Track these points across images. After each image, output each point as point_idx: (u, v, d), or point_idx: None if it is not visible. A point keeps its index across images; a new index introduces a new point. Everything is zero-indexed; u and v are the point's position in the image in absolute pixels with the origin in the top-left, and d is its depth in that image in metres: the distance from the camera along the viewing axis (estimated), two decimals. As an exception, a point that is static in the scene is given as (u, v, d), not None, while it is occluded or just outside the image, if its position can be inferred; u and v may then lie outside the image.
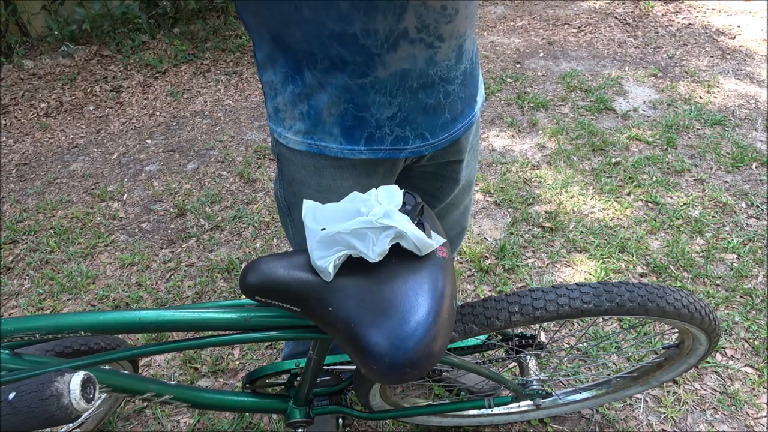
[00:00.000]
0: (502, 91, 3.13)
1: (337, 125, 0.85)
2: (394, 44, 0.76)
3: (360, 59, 0.77)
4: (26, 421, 0.54)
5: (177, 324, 0.80)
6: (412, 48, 0.77)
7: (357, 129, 0.85)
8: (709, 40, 3.54)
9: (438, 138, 0.90)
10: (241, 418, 1.51)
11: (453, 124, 0.91)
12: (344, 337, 0.73)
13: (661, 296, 0.94)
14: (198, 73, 3.67)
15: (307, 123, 0.86)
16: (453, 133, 0.92)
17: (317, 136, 0.87)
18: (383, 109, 0.83)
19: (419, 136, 0.88)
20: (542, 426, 1.45)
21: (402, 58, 0.78)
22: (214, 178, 2.58)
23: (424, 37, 0.77)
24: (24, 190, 2.63)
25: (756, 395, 1.48)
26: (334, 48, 0.76)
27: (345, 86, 0.80)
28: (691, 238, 2.00)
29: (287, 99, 0.85)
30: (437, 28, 0.77)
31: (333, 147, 0.87)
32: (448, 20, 0.77)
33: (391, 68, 0.78)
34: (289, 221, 1.06)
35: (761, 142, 2.50)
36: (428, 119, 0.87)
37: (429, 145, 0.90)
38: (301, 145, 0.89)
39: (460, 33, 0.81)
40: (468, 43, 0.85)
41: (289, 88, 0.84)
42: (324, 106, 0.83)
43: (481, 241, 2.07)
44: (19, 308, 1.94)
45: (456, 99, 0.88)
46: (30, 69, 3.70)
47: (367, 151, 0.87)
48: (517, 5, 4.44)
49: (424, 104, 0.85)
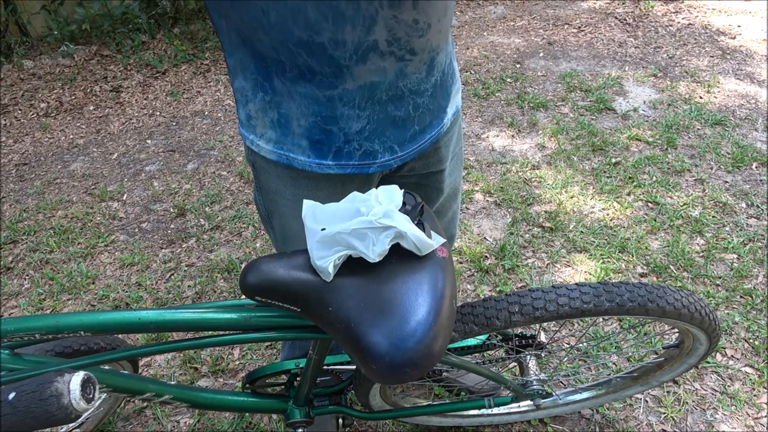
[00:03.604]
0: (502, 91, 3.13)
1: (306, 138, 0.83)
2: (363, 56, 0.74)
3: (328, 70, 0.75)
4: (26, 421, 0.54)
5: (177, 324, 0.80)
6: (381, 61, 0.75)
7: (325, 143, 0.84)
8: (709, 40, 3.54)
9: (406, 150, 0.89)
10: (241, 418, 1.51)
11: (421, 136, 0.90)
12: (344, 337, 0.73)
13: (661, 296, 0.94)
14: (198, 73, 3.67)
15: (278, 131, 0.85)
16: (421, 144, 0.91)
17: (287, 147, 0.86)
18: (351, 122, 0.81)
19: (388, 149, 0.87)
20: (542, 426, 1.45)
21: (371, 70, 0.76)
22: (214, 178, 2.58)
23: (395, 51, 0.75)
24: (24, 190, 2.63)
25: (756, 395, 1.48)
26: (302, 57, 0.73)
27: (313, 97, 0.78)
28: (691, 238, 2.00)
29: (258, 106, 0.84)
30: (408, 42, 0.75)
31: (301, 159, 0.86)
32: (420, 34, 0.75)
33: (359, 81, 0.76)
34: (270, 228, 1.04)
35: (761, 142, 2.50)
36: (397, 132, 0.86)
37: (397, 158, 0.89)
38: (272, 155, 0.88)
39: (432, 47, 0.79)
40: (441, 56, 0.84)
41: (259, 95, 0.82)
42: (293, 115, 0.81)
43: (481, 241, 2.07)
44: (19, 308, 1.94)
45: (425, 111, 0.87)
46: (30, 69, 3.70)
47: (335, 166, 0.86)
48: (517, 5, 4.44)
49: (393, 117, 0.83)
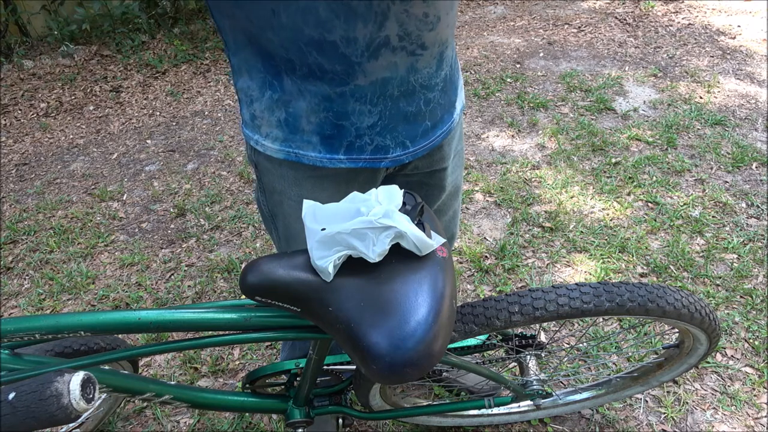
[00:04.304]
0: (502, 91, 3.13)
1: (316, 134, 0.83)
2: (375, 52, 0.73)
3: (339, 68, 0.74)
4: (26, 421, 0.54)
5: (177, 324, 0.80)
6: (393, 56, 0.75)
7: (336, 138, 0.83)
8: (709, 40, 3.54)
9: (418, 146, 0.89)
10: (241, 418, 1.51)
11: (433, 131, 0.90)
12: (344, 337, 0.73)
13: (661, 296, 0.94)
14: (198, 73, 3.67)
15: (285, 131, 0.84)
16: (433, 141, 0.91)
17: (295, 144, 0.85)
18: (363, 117, 0.81)
19: (399, 144, 0.86)
20: (542, 426, 1.45)
21: (383, 66, 0.75)
22: (214, 178, 2.58)
23: (406, 45, 0.75)
24: (24, 190, 2.62)
25: (756, 395, 1.48)
26: (312, 56, 0.73)
27: (324, 94, 0.78)
28: (691, 238, 2.00)
29: (264, 105, 0.83)
30: (420, 36, 0.75)
31: (312, 155, 0.85)
32: (431, 28, 0.75)
33: (371, 77, 0.76)
34: (273, 229, 1.03)
35: (761, 142, 2.50)
36: (408, 127, 0.85)
37: (409, 153, 0.88)
38: (279, 153, 0.87)
39: (441, 41, 0.79)
40: (449, 50, 0.84)
41: (266, 94, 0.81)
42: (303, 113, 0.81)
43: (481, 241, 2.07)
44: (19, 308, 1.94)
45: (436, 106, 0.87)
46: (30, 69, 3.70)
47: (347, 160, 0.86)
48: (517, 5, 4.44)
49: (405, 112, 0.83)
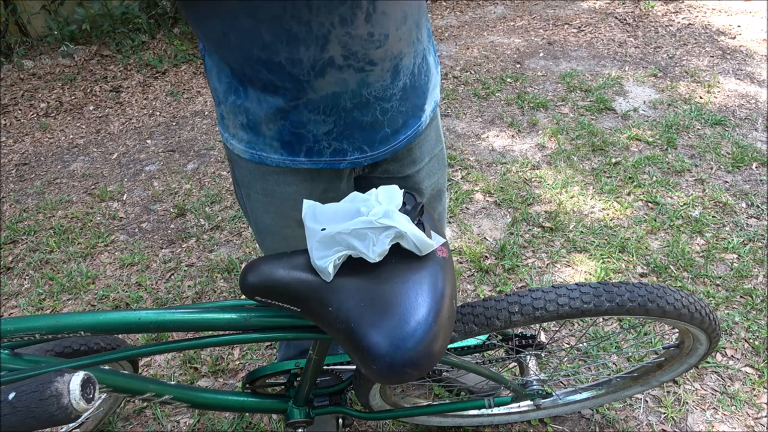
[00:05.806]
0: (502, 91, 3.13)
1: (277, 139, 0.85)
2: (321, 71, 0.75)
3: (289, 85, 0.77)
4: (26, 421, 0.54)
5: (177, 324, 0.80)
6: (340, 74, 0.76)
7: (296, 144, 0.85)
8: (709, 40, 3.54)
9: (377, 150, 0.89)
10: (241, 418, 1.51)
11: (394, 137, 0.90)
12: (344, 337, 0.73)
13: (661, 296, 0.94)
14: (198, 73, 3.67)
15: (249, 133, 0.87)
16: (395, 145, 0.91)
17: (258, 147, 0.88)
18: (319, 126, 0.83)
19: (357, 149, 0.87)
20: (542, 426, 1.45)
21: (331, 83, 0.77)
22: (214, 178, 2.58)
23: (353, 63, 0.76)
24: (24, 190, 2.62)
25: (756, 395, 1.48)
26: (263, 73, 0.76)
27: (279, 106, 0.80)
28: (691, 238, 2.00)
29: (229, 109, 0.86)
30: (366, 54, 0.75)
31: (274, 158, 0.88)
32: (378, 45, 0.76)
33: (321, 92, 0.78)
34: (248, 221, 1.08)
35: (761, 142, 2.50)
36: (365, 134, 0.86)
37: (368, 157, 0.89)
38: (245, 153, 0.90)
39: (393, 55, 0.79)
40: (406, 60, 0.82)
41: (230, 99, 0.84)
42: (262, 120, 0.83)
43: (481, 241, 2.07)
44: (19, 308, 1.94)
45: (396, 114, 0.87)
46: (30, 69, 3.70)
47: (308, 162, 0.88)
48: (517, 5, 4.44)
49: (360, 121, 0.84)
